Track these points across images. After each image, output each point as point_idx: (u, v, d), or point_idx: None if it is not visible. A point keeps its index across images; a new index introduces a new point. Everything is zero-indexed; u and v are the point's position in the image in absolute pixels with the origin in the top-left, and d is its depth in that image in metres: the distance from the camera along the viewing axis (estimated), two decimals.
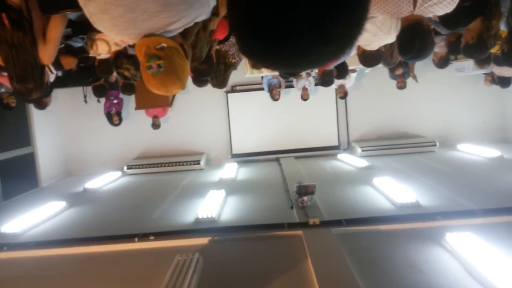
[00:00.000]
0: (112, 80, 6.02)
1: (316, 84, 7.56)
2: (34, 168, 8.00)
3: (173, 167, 8.62)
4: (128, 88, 5.65)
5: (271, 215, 4.79)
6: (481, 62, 4.61)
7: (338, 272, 3.12)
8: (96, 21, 1.51)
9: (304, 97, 7.81)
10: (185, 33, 1.57)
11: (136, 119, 8.75)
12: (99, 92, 5.92)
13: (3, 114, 6.76)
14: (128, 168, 8.65)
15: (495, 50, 3.82)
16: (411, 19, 2.31)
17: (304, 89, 7.71)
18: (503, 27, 3.03)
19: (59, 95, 8.65)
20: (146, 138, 9.13)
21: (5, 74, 3.36)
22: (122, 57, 3.43)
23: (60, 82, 6.80)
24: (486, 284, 2.82)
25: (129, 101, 8.06)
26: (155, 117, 8.00)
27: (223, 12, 2.18)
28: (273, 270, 3.37)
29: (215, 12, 1.74)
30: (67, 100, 8.94)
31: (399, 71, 6.54)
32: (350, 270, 3.10)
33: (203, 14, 1.48)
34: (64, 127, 9.24)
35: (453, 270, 3.18)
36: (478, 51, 3.21)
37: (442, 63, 4.76)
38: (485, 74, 7.12)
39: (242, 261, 3.65)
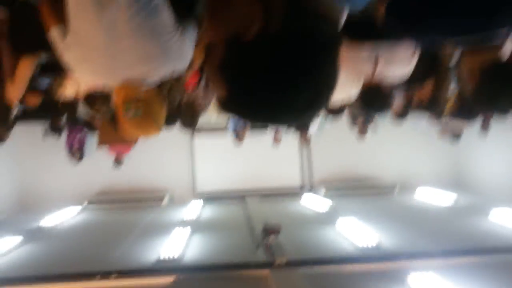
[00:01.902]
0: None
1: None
2: None
3: (136, 204, 8.43)
4: (91, 124, 5.57)
5: (237, 254, 4.75)
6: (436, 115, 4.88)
7: None
8: (75, 68, 1.54)
9: (276, 141, 7.86)
10: (160, 84, 1.63)
11: (98, 155, 8.52)
12: (55, 129, 5.80)
13: None
14: (88, 204, 8.37)
15: (449, 105, 4.14)
16: (371, 81, 2.49)
17: (278, 132, 7.80)
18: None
19: (16, 129, 8.33)
20: (107, 174, 8.83)
21: None
22: (97, 98, 3.43)
23: (21, 118, 6.62)
24: None
25: (92, 135, 7.90)
26: (118, 154, 7.84)
27: (197, 66, 2.26)
28: None
29: (190, 66, 1.82)
30: (25, 134, 8.61)
31: (360, 121, 6.79)
32: None
33: (180, 68, 1.54)
34: (21, 160, 8.88)
35: None
36: (432, 109, 3.47)
37: (399, 120, 5.00)
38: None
39: None
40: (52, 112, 4.86)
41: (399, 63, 2.28)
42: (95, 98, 3.26)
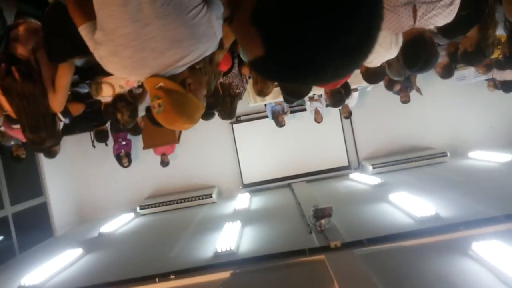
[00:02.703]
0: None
1: (326, 106, 7.56)
2: (48, 217, 7.98)
3: (186, 203, 8.57)
4: (134, 129, 5.67)
5: (290, 242, 4.71)
6: (487, 67, 4.60)
7: None
8: (107, 64, 1.54)
9: (318, 120, 7.82)
10: (191, 70, 1.58)
11: (145, 159, 8.78)
12: (100, 137, 5.93)
13: (13, 167, 6.81)
14: (141, 209, 8.62)
15: (496, 54, 3.85)
16: (413, 33, 2.33)
17: (317, 112, 7.73)
18: (501, 32, 3.05)
19: (67, 142, 8.71)
20: (156, 176, 9.13)
21: (16, 126, 3.42)
22: (123, 100, 3.51)
23: (68, 129, 6.88)
24: None
25: (137, 141, 8.11)
26: (163, 155, 8.03)
27: (228, 44, 2.21)
28: None
29: (220, 45, 1.77)
30: (75, 147, 8.99)
31: (397, 87, 6.54)
32: None
33: (211, 48, 1.50)
34: (74, 173, 9.27)
35: (484, 279, 3.10)
36: (476, 59, 3.22)
37: (446, 72, 4.76)
38: (487, 80, 7.13)
39: None
40: (95, 118, 4.99)
41: (439, 9, 2.12)
42: (123, 101, 3.33)
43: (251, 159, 9.14)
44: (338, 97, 4.75)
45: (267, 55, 0.62)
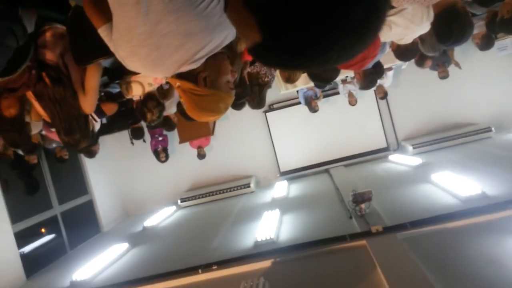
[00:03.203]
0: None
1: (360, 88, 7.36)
2: (94, 214, 8.31)
3: (225, 194, 8.67)
4: (168, 124, 5.74)
5: (330, 228, 4.65)
6: None
7: (412, 277, 2.96)
8: (129, 64, 1.53)
9: (352, 103, 7.63)
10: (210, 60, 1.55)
11: (182, 153, 8.93)
12: (137, 134, 6.08)
13: (58, 168, 7.11)
14: (181, 201, 8.79)
15: None
16: (444, 4, 2.19)
17: (351, 94, 7.56)
18: None
19: (106, 141, 9.00)
20: (194, 169, 9.28)
21: (53, 129, 3.53)
22: (153, 100, 3.58)
23: (106, 129, 7.08)
24: None
25: (174, 136, 8.24)
26: (199, 148, 8.12)
27: None
28: (342, 284, 3.24)
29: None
30: (115, 145, 9.28)
31: (428, 63, 6.22)
32: (424, 274, 2.92)
33: (229, 36, 1.45)
34: (116, 170, 9.57)
35: None
36: None
37: (486, 43, 4.49)
38: None
39: (309, 279, 3.54)
40: (129, 116, 5.10)
41: None
42: (153, 100, 3.38)
43: (287, 146, 9.08)
44: (370, 79, 4.51)
45: (264, 40, 0.58)
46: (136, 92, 3.25)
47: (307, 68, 0.66)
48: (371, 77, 4.42)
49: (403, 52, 3.47)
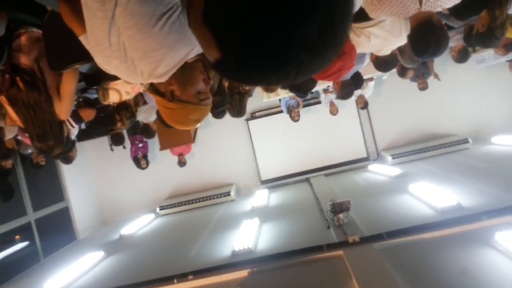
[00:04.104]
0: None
1: (337, 98, 7.43)
2: (70, 221, 8.14)
3: (205, 202, 8.60)
4: (147, 132, 5.67)
5: (308, 237, 4.65)
6: (506, 47, 4.41)
7: None
8: (107, 69, 1.52)
9: (333, 112, 7.69)
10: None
11: (162, 160, 8.85)
12: (116, 140, 5.99)
13: (34, 173, 6.95)
14: (160, 209, 8.68)
15: (510, 34, 3.68)
16: (420, 17, 2.23)
17: (332, 104, 7.62)
18: None
19: (86, 147, 8.86)
20: (174, 177, 9.20)
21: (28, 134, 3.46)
22: (128, 110, 3.56)
23: (85, 134, 6.98)
24: None
25: (154, 142, 8.17)
26: (180, 155, 8.06)
27: None
28: None
29: None
30: (94, 151, 9.14)
31: (410, 74, 6.34)
32: (398, 286, 2.94)
33: (192, 51, 1.43)
34: (94, 177, 9.41)
35: (509, 270, 2.97)
36: (488, 40, 3.07)
37: (462, 56, 4.60)
38: (508, 61, 6.88)
39: None
40: (109, 122, 5.02)
41: None
42: (126, 110, 3.36)
43: (268, 155, 9.09)
44: (347, 90, 4.50)
45: (223, 57, 0.57)
46: (113, 99, 3.21)
47: (267, 84, 0.66)
48: (349, 87, 4.45)
49: (381, 63, 3.52)
